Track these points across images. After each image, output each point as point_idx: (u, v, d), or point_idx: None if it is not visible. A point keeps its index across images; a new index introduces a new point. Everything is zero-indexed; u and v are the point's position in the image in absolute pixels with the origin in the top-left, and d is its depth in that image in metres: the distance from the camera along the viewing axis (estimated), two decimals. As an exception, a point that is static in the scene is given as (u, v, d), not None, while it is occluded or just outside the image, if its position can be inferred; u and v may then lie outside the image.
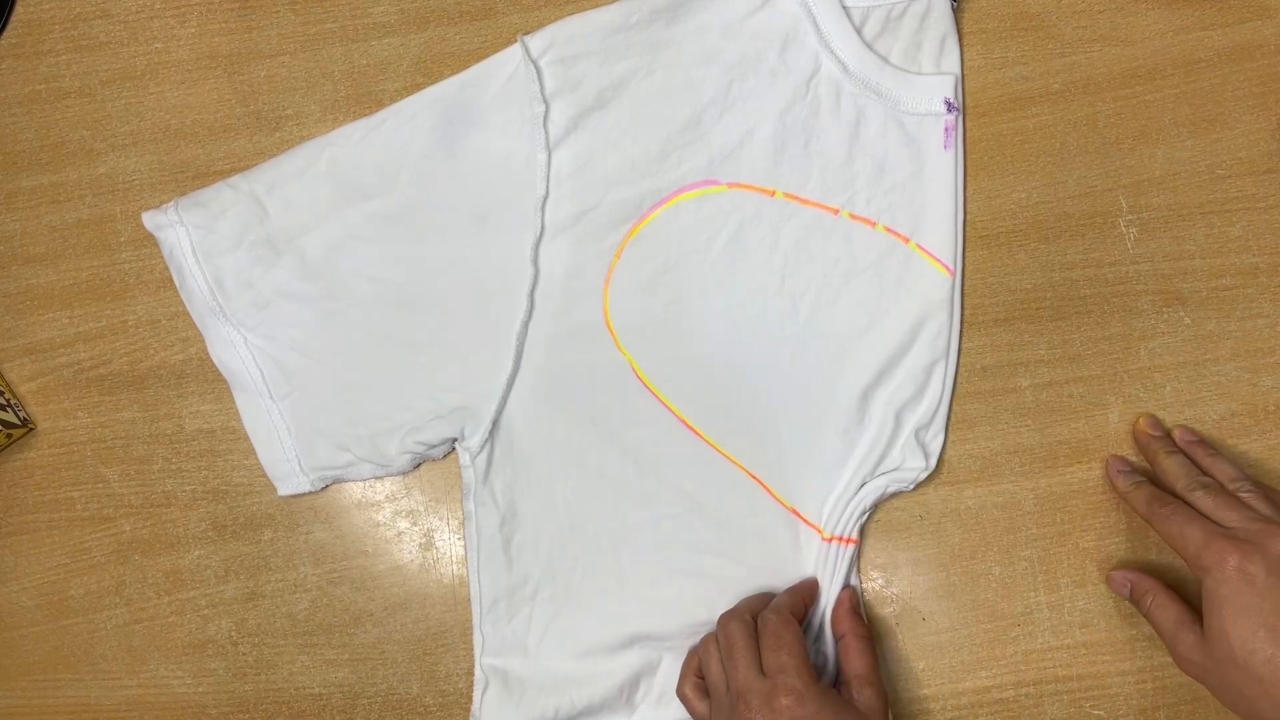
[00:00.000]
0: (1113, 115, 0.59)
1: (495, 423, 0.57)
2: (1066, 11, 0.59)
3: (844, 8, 0.57)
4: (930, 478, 0.57)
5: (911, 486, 0.56)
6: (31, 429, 0.61)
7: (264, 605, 0.60)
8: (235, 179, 0.59)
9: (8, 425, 0.59)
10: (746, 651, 0.51)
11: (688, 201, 0.57)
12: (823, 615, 0.56)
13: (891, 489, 0.56)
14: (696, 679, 0.54)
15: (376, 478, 0.60)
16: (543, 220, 0.56)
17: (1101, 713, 0.57)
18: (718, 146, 0.57)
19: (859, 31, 0.57)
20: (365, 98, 0.61)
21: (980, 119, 0.59)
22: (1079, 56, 0.59)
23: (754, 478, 0.57)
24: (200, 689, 0.60)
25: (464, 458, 0.58)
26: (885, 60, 0.57)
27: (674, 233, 0.57)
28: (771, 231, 0.57)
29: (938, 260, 0.57)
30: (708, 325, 0.57)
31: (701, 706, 0.53)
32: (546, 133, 0.56)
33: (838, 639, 0.55)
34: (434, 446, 0.58)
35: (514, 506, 0.57)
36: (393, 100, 0.61)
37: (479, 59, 0.60)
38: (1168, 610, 0.52)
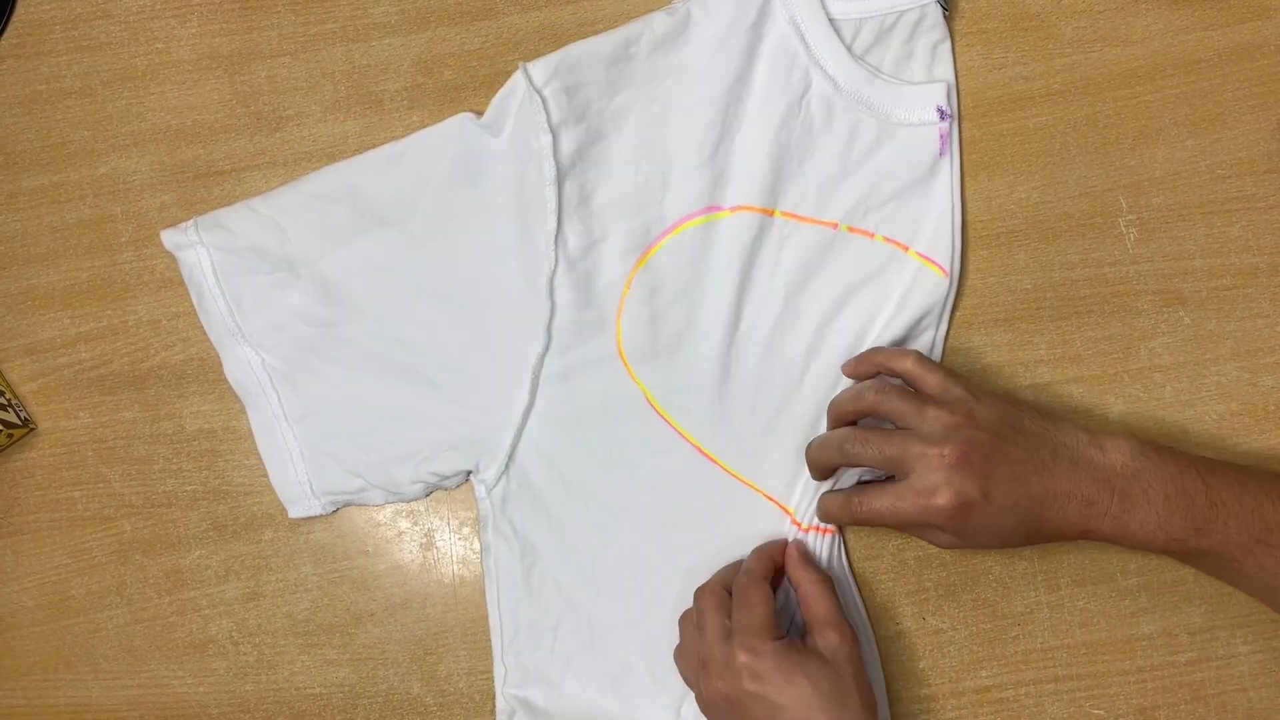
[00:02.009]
0: (1113, 115, 0.59)
1: (510, 456, 0.57)
2: (1066, 11, 0.59)
3: (832, 22, 0.57)
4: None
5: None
6: (32, 429, 0.61)
7: (265, 605, 0.60)
8: (255, 201, 0.59)
9: (8, 425, 0.59)
10: (714, 620, 0.52)
11: (693, 230, 0.57)
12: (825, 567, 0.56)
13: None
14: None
15: (389, 504, 0.60)
16: (555, 253, 0.56)
17: (1101, 712, 0.57)
18: (718, 171, 0.57)
19: (850, 45, 0.57)
20: (365, 98, 0.61)
21: (980, 119, 0.59)
22: (1079, 56, 0.59)
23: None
24: (201, 689, 0.60)
25: (479, 490, 0.58)
26: (876, 73, 0.57)
27: (681, 261, 0.57)
28: (773, 252, 0.57)
29: (935, 264, 0.57)
30: (719, 351, 0.57)
31: (687, 671, 0.54)
32: (557, 164, 0.55)
33: (795, 588, 0.55)
34: (447, 478, 0.58)
35: (532, 539, 0.57)
36: (393, 101, 0.61)
37: (479, 59, 0.61)
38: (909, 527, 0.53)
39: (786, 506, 0.57)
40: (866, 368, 0.56)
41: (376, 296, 0.58)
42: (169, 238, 0.59)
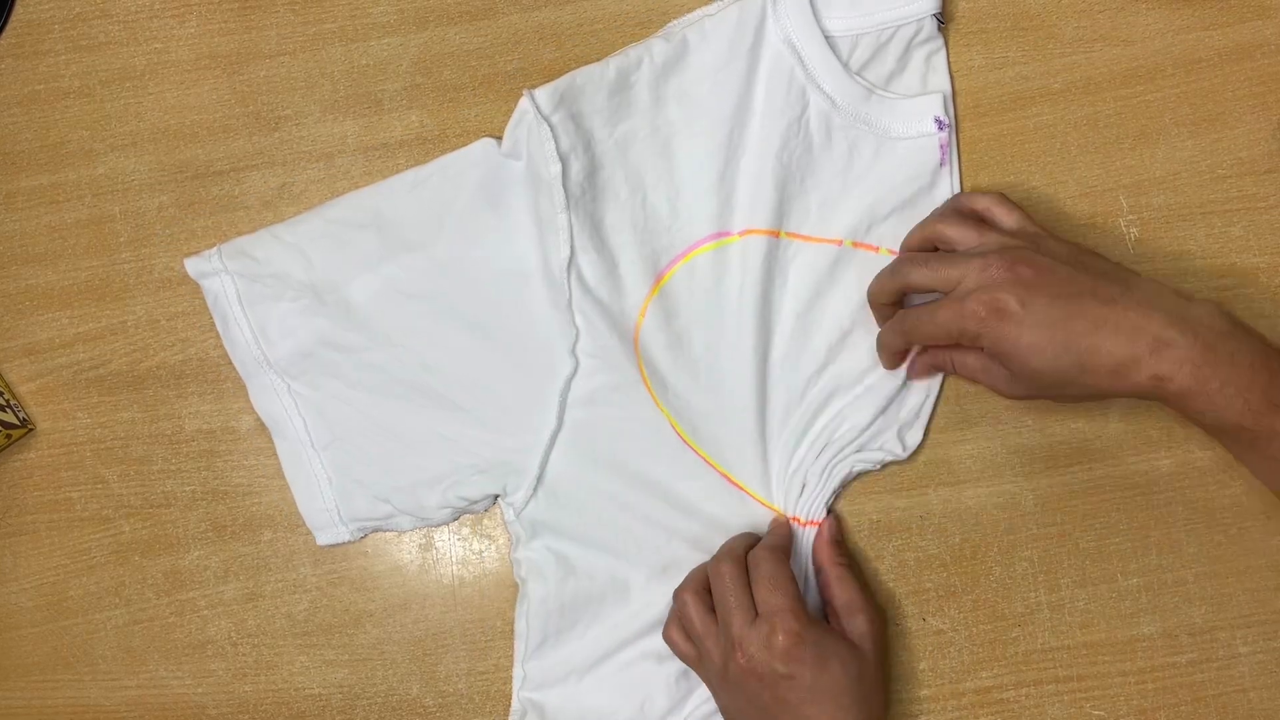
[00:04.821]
0: (1113, 115, 0.59)
1: (539, 479, 0.57)
2: (1066, 11, 0.59)
3: (828, 39, 0.56)
4: (929, 477, 0.58)
5: (878, 467, 0.57)
6: (31, 429, 0.61)
7: (264, 606, 0.60)
8: (278, 229, 0.59)
9: (7, 425, 0.59)
10: (740, 596, 0.51)
11: (703, 256, 0.57)
12: (806, 563, 0.56)
13: (858, 468, 0.57)
14: (679, 622, 0.54)
15: (416, 529, 0.59)
16: (570, 280, 0.55)
17: (1102, 713, 0.57)
18: (724, 196, 0.57)
19: (846, 62, 0.57)
20: (365, 98, 0.61)
21: (980, 119, 0.59)
22: (1079, 56, 0.59)
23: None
24: (200, 690, 0.60)
25: (508, 513, 0.58)
26: (872, 89, 0.57)
27: (694, 289, 0.57)
28: (781, 273, 0.57)
29: None
30: (739, 375, 0.57)
31: (688, 648, 0.53)
32: (566, 192, 0.55)
33: (818, 571, 0.55)
34: (475, 502, 0.58)
35: (564, 556, 0.57)
36: (392, 101, 0.61)
37: (479, 59, 0.61)
38: (967, 360, 0.51)
39: (817, 523, 0.57)
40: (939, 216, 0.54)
41: (401, 321, 0.58)
42: (193, 266, 0.59)
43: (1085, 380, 0.47)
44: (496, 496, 0.58)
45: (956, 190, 0.58)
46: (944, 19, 0.57)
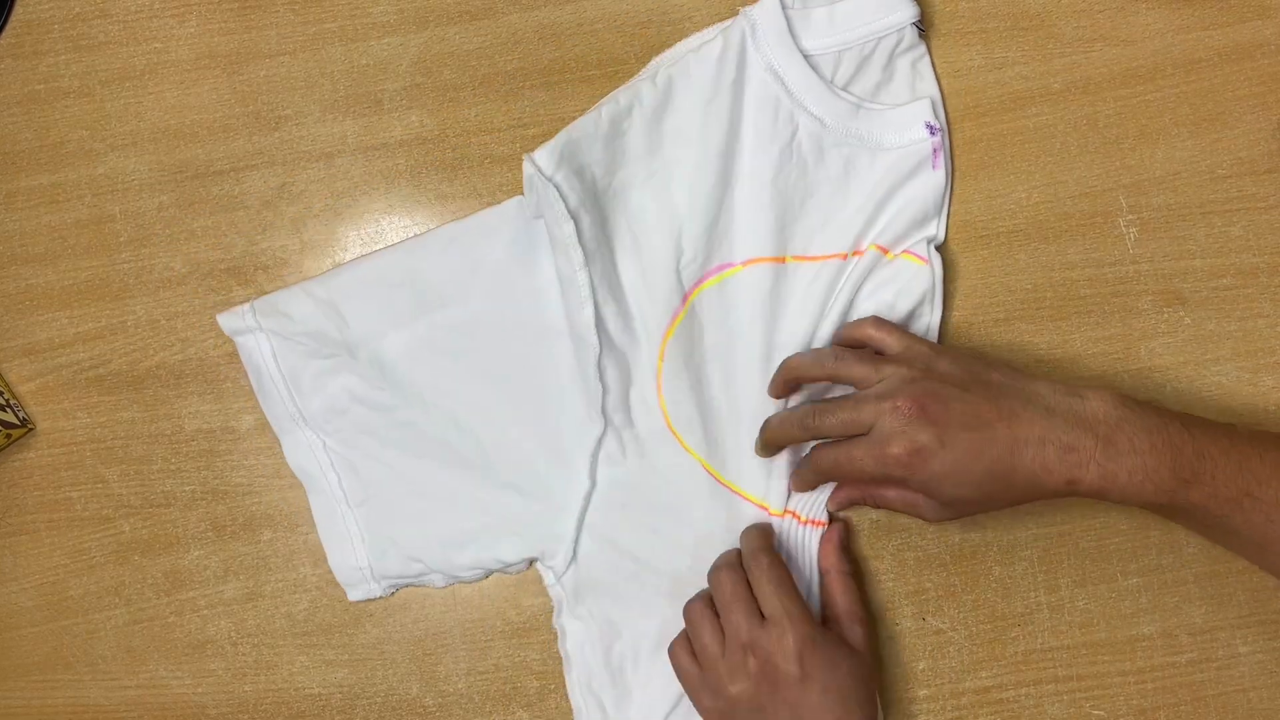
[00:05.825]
0: (1113, 115, 0.59)
1: (576, 541, 0.57)
2: (1066, 11, 0.59)
3: (809, 59, 0.56)
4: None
5: None
6: (31, 429, 0.61)
7: (263, 605, 0.60)
8: (312, 285, 0.59)
9: (7, 425, 0.59)
10: (744, 603, 0.51)
11: (709, 290, 0.57)
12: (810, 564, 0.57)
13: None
14: (688, 640, 0.54)
15: (449, 585, 0.59)
16: (599, 337, 0.55)
17: (1102, 713, 0.57)
18: (722, 229, 0.57)
19: (831, 78, 0.57)
20: (365, 98, 0.61)
21: (980, 119, 0.59)
22: (1079, 56, 0.59)
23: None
24: (200, 689, 0.60)
25: (548, 577, 0.58)
26: (860, 103, 0.57)
27: (704, 324, 0.57)
28: (790, 294, 0.57)
29: (913, 255, 0.57)
30: (760, 402, 0.57)
31: (692, 666, 0.53)
32: (583, 248, 0.54)
33: (823, 574, 0.55)
34: (510, 565, 0.58)
35: (609, 618, 0.57)
36: (392, 101, 0.61)
37: (478, 59, 0.61)
38: (888, 495, 0.53)
39: (818, 522, 0.57)
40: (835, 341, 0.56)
41: (433, 380, 0.57)
42: (226, 322, 0.59)
43: (1007, 495, 0.49)
44: (532, 560, 0.58)
45: (950, 193, 0.58)
46: (924, 26, 0.57)
